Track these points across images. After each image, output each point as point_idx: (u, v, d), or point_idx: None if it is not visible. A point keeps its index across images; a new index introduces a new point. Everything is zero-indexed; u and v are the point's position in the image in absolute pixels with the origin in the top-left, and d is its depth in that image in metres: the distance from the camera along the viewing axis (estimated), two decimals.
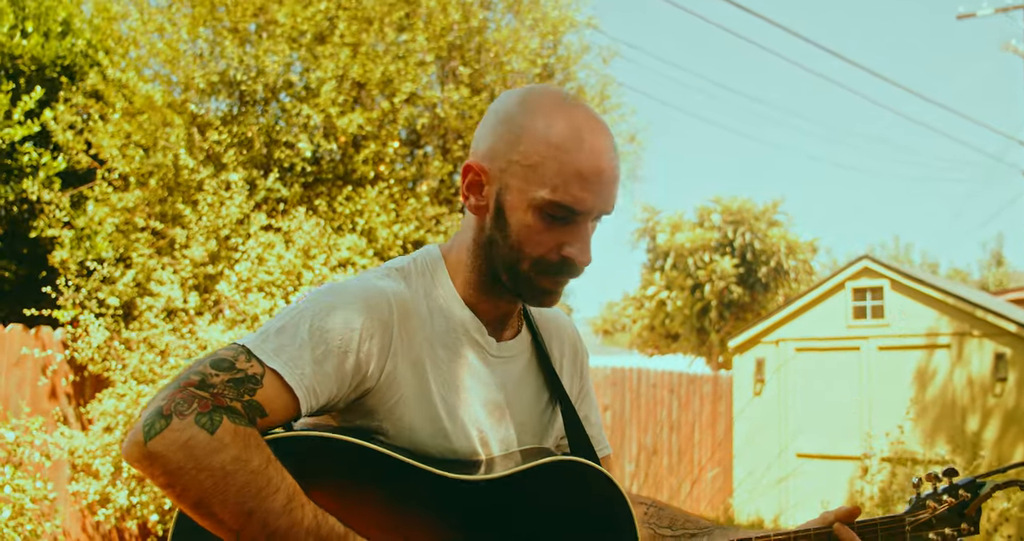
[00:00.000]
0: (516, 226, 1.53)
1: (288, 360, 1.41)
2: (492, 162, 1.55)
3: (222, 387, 1.35)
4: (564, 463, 1.61)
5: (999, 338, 9.58)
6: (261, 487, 1.31)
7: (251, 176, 7.77)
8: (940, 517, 1.78)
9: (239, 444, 1.31)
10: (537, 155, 1.50)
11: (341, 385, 1.47)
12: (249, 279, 7.05)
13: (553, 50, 9.62)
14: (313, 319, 1.46)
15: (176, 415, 1.30)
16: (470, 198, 1.58)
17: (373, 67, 8.02)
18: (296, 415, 1.43)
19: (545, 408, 1.74)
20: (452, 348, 1.60)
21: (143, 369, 6.78)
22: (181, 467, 1.28)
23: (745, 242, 17.34)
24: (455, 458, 1.56)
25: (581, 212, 1.52)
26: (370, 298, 1.52)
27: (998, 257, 27.33)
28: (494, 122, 1.57)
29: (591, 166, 1.50)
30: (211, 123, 7.80)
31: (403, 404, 1.53)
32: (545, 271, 1.55)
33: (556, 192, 1.49)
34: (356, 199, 7.88)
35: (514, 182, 1.52)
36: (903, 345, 10.15)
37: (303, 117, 7.80)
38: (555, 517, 1.58)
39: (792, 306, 11.01)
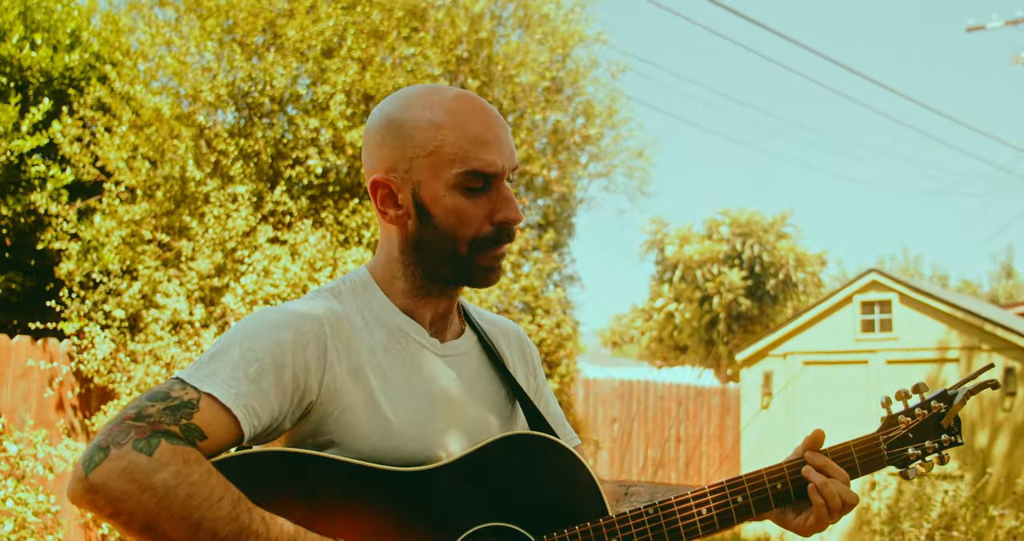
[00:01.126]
0: (442, 214, 1.57)
1: (222, 382, 1.42)
2: (394, 170, 1.59)
3: (158, 415, 1.36)
4: (514, 438, 1.61)
5: (1009, 352, 9.52)
6: (204, 497, 1.32)
7: (258, 189, 7.77)
8: (916, 431, 1.75)
9: (178, 461, 1.32)
10: (432, 141, 1.56)
11: (282, 401, 1.47)
12: (255, 292, 7.05)
13: (562, 64, 9.63)
14: (243, 341, 1.48)
15: (113, 446, 1.31)
16: (387, 212, 1.61)
17: (382, 80, 8.03)
18: (240, 436, 1.43)
19: (504, 404, 1.74)
20: (395, 352, 1.61)
21: (148, 381, 6.78)
22: (124, 491, 1.29)
23: (754, 254, 17.30)
24: (416, 459, 1.56)
25: (493, 174, 1.56)
26: (300, 314, 1.54)
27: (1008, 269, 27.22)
28: (378, 136, 1.61)
29: (482, 127, 1.57)
30: (218, 135, 7.81)
31: (350, 413, 1.53)
32: (484, 246, 1.59)
33: (464, 162, 1.54)
34: (362, 212, 7.88)
35: (423, 176, 1.56)
36: (912, 359, 10.10)
37: (311, 131, 7.80)
38: (517, 489, 1.59)
39: (800, 319, 10.97)
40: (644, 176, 10.87)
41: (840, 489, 1.68)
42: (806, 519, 1.70)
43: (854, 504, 1.69)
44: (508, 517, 1.58)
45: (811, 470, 1.69)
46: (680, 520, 1.64)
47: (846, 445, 1.74)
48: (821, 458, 1.71)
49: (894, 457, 1.76)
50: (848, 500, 1.68)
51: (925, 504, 8.37)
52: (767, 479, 1.69)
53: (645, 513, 1.63)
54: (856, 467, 1.74)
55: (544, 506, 1.60)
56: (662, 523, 1.63)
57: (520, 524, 1.58)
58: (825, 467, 1.70)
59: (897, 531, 7.96)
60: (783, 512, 1.72)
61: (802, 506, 1.71)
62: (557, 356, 9.49)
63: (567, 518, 1.60)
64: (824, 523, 1.69)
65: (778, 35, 13.77)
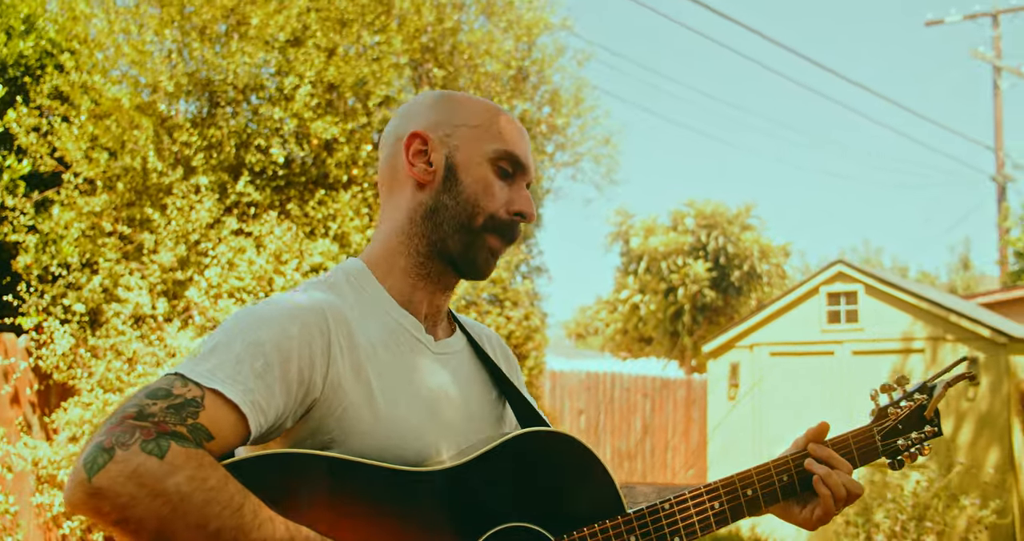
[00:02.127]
0: (470, 182, 1.59)
1: (226, 378, 1.34)
2: (435, 130, 1.62)
3: (162, 414, 1.27)
4: (530, 435, 1.59)
5: (973, 343, 9.60)
6: (224, 504, 1.24)
7: (221, 180, 7.62)
8: (903, 422, 1.80)
9: (192, 464, 1.23)
10: (482, 117, 1.62)
11: (287, 398, 1.40)
12: (219, 285, 6.92)
13: (528, 52, 9.54)
14: (245, 334, 1.40)
15: (119, 447, 1.21)
16: (416, 165, 1.61)
17: (348, 70, 7.90)
18: (246, 435, 1.35)
19: (495, 403, 1.73)
20: (393, 349, 1.56)
21: (110, 377, 6.63)
22: (133, 497, 1.19)
23: (718, 246, 17.34)
24: (416, 458, 1.51)
25: (525, 166, 1.63)
26: (302, 306, 1.48)
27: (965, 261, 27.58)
28: (429, 101, 1.67)
29: (520, 131, 1.66)
30: (180, 125, 7.64)
31: (352, 411, 1.47)
32: (496, 229, 1.60)
33: (507, 144, 1.61)
34: (329, 203, 7.76)
35: (464, 142, 1.60)
36: (877, 350, 10.15)
37: (275, 121, 7.66)
38: (536, 487, 1.56)
39: (766, 311, 10.99)
40: (612, 163, 10.83)
41: (844, 479, 1.69)
42: (812, 511, 1.70)
43: (859, 494, 1.71)
44: (527, 516, 1.55)
45: (814, 463, 1.70)
46: (695, 514, 1.64)
47: (845, 437, 1.78)
48: (825, 450, 1.72)
49: (887, 448, 1.80)
50: (853, 490, 1.70)
51: (897, 495, 8.42)
52: (774, 472, 1.71)
53: (661, 509, 1.62)
54: (855, 458, 1.77)
55: (562, 504, 1.58)
56: (677, 518, 1.62)
57: (539, 523, 1.55)
58: (829, 458, 1.71)
59: (871, 522, 8.00)
60: (788, 505, 1.73)
61: (807, 499, 1.72)
62: (526, 348, 9.43)
63: (585, 516, 1.58)
64: (830, 515, 1.69)
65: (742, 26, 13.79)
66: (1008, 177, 23.32)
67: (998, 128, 23.69)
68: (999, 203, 23.02)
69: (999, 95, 23.78)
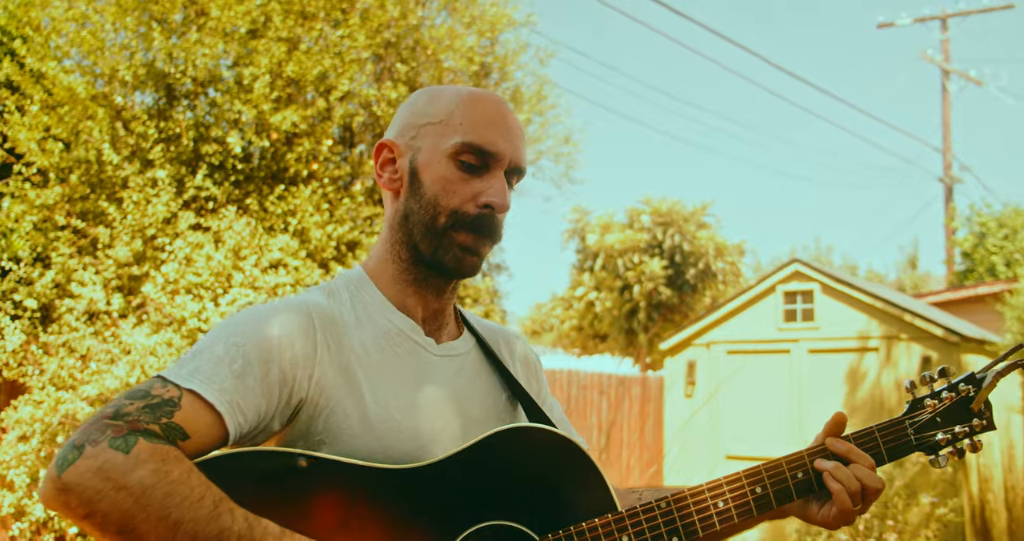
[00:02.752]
0: (430, 182, 1.55)
1: (205, 379, 1.36)
2: (402, 136, 1.60)
3: (137, 413, 1.30)
4: (514, 431, 1.52)
5: (926, 342, 9.74)
6: (184, 496, 1.25)
7: (179, 173, 7.47)
8: (943, 414, 1.66)
9: (157, 459, 1.25)
10: (445, 110, 1.57)
11: (269, 398, 1.41)
12: (176, 280, 6.79)
13: (490, 49, 9.49)
14: (228, 337, 1.42)
15: (89, 444, 1.25)
16: (383, 175, 1.61)
17: (309, 64, 7.78)
18: (224, 435, 1.36)
19: (505, 407, 1.68)
20: (387, 350, 1.55)
21: (62, 375, 6.48)
22: (98, 490, 1.22)
23: (674, 244, 17.42)
24: (407, 459, 1.48)
25: (493, 154, 1.55)
26: (286, 309, 1.49)
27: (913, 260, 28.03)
28: (400, 108, 1.66)
29: (496, 112, 1.57)
30: (137, 117, 7.48)
31: (340, 412, 1.46)
32: (463, 224, 1.55)
33: (468, 134, 1.54)
34: (289, 198, 7.64)
35: (426, 142, 1.57)
36: (833, 348, 10.25)
37: (234, 113, 7.52)
38: (519, 484, 1.50)
39: (723, 309, 11.05)
40: (571, 162, 10.81)
41: (859, 473, 1.59)
42: (830, 510, 1.60)
43: (878, 488, 1.60)
44: (510, 514, 1.49)
45: (820, 459, 1.62)
46: (695, 513, 1.55)
47: (870, 430, 1.66)
48: (843, 444, 1.63)
49: (922, 442, 1.67)
50: (869, 484, 1.59)
51: None
52: (787, 468, 1.61)
53: (656, 507, 1.54)
54: (882, 453, 1.65)
55: (547, 502, 1.51)
56: (675, 518, 1.54)
57: (523, 522, 1.50)
58: (848, 453, 1.62)
59: None
60: (806, 504, 1.64)
61: (825, 496, 1.62)
62: None
63: (572, 515, 1.52)
64: (848, 513, 1.59)
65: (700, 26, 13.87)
66: (955, 179, 23.72)
67: (946, 130, 24.09)
68: (946, 204, 23.40)
69: (947, 98, 24.18)
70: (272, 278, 6.95)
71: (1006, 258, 18.34)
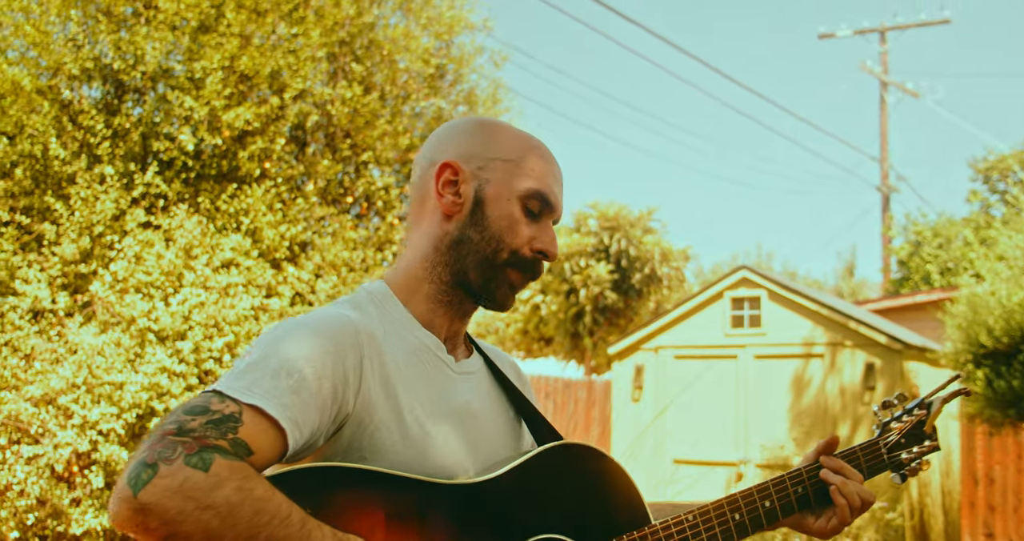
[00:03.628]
0: (497, 217, 1.59)
1: (264, 393, 1.34)
2: (468, 162, 1.62)
3: (202, 430, 1.27)
4: (556, 448, 1.62)
5: (870, 349, 9.92)
6: (272, 514, 1.24)
7: (128, 170, 7.31)
8: (906, 436, 1.86)
9: (238, 476, 1.23)
10: (516, 151, 1.62)
11: (322, 414, 1.41)
12: (126, 279, 6.65)
13: (446, 51, 9.44)
14: (280, 350, 1.41)
15: (163, 462, 1.21)
16: (444, 195, 1.62)
17: (262, 60, 7.67)
18: (284, 450, 1.35)
19: (513, 424, 1.76)
20: (418, 367, 1.58)
21: (5, 374, 6.29)
22: (181, 511, 1.19)
23: (620, 248, 17.52)
24: (444, 475, 1.52)
25: (553, 206, 1.64)
26: (334, 322, 1.49)
27: (851, 268, 28.58)
28: (466, 129, 1.66)
29: (557, 167, 1.68)
30: (85, 111, 7.30)
31: (384, 429, 1.49)
32: (518, 265, 1.61)
33: (540, 183, 1.61)
34: (241, 197, 7.52)
35: (496, 176, 1.61)
36: (779, 354, 10.39)
37: (185, 109, 7.38)
38: (567, 499, 1.60)
39: (672, 314, 11.14)
40: None
41: (858, 488, 1.75)
42: (828, 521, 1.75)
43: (872, 503, 1.77)
44: (559, 528, 1.58)
45: (828, 473, 1.76)
46: (717, 525, 1.68)
47: (854, 450, 1.83)
48: (836, 461, 1.77)
49: (892, 461, 1.85)
50: (866, 498, 1.76)
51: None
52: (789, 483, 1.76)
53: (685, 520, 1.66)
54: (863, 470, 1.82)
55: (592, 516, 1.62)
56: (701, 529, 1.67)
57: (571, 535, 1.59)
58: (841, 469, 1.76)
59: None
60: (802, 516, 1.78)
61: (821, 509, 1.77)
62: None
63: (614, 528, 1.63)
64: (845, 524, 1.76)
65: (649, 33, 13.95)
66: (892, 188, 24.24)
67: (883, 140, 24.60)
68: (883, 213, 23.89)
69: (885, 108, 24.70)
70: (224, 278, 6.83)
71: (941, 267, 18.77)
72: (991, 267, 9.15)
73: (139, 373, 6.32)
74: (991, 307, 8.34)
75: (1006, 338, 8.06)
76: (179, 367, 6.40)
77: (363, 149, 8.70)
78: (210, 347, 6.58)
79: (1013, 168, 20.02)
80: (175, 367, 6.39)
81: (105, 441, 6.27)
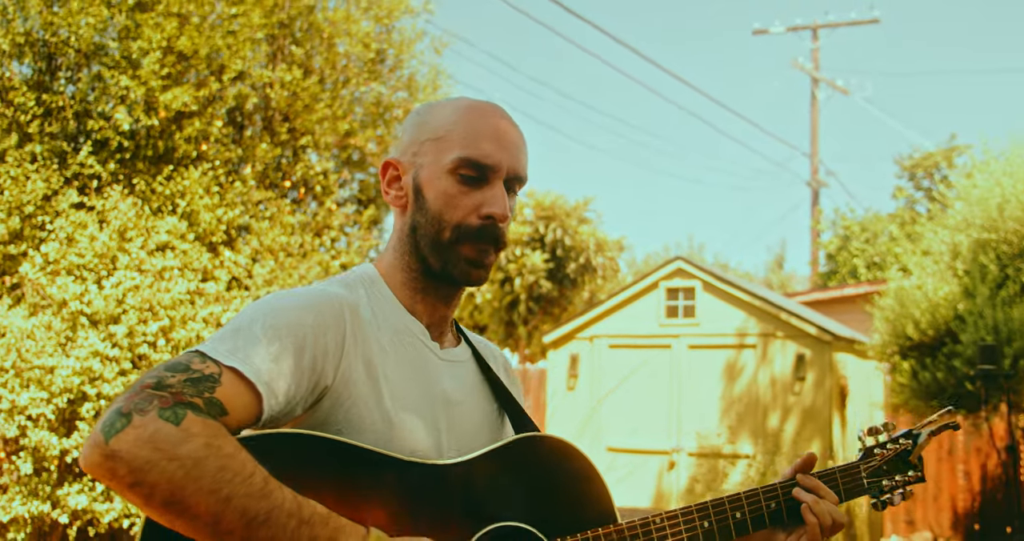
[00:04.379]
0: (433, 197, 1.60)
1: (244, 358, 1.38)
2: (405, 154, 1.65)
3: (180, 386, 1.30)
4: (528, 439, 1.64)
5: (800, 340, 10.11)
6: (236, 471, 1.26)
7: (60, 149, 7.13)
8: (889, 464, 1.85)
9: (208, 432, 1.26)
10: (445, 127, 1.61)
11: (299, 384, 1.43)
12: (57, 261, 6.50)
13: (387, 36, 9.38)
14: (265, 318, 1.44)
15: (136, 412, 1.24)
16: (390, 192, 1.66)
17: (201, 40, 7.53)
18: (259, 415, 1.39)
19: (496, 417, 1.76)
20: (402, 351, 1.60)
21: None
22: (149, 461, 1.22)
23: (556, 238, 17.57)
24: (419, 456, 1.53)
25: (491, 166, 1.59)
26: (321, 297, 1.53)
27: (780, 260, 29.12)
28: (406, 126, 1.70)
29: (494, 126, 1.63)
30: (15, 88, 7.10)
31: (361, 405, 1.50)
32: (467, 237, 1.59)
33: (466, 149, 1.58)
34: (177, 180, 7.39)
35: (427, 159, 1.61)
36: (712, 344, 10.54)
37: (121, 88, 7.22)
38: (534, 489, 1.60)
39: (607, 304, 11.23)
40: None
41: (830, 509, 1.73)
42: (799, 538, 1.74)
43: (843, 524, 1.75)
44: (524, 518, 1.58)
45: (801, 491, 1.75)
46: (684, 531, 1.67)
47: (832, 471, 1.82)
48: (812, 480, 1.76)
49: (872, 486, 1.84)
50: (838, 519, 1.73)
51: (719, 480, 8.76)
52: (763, 497, 1.75)
53: (652, 522, 1.65)
54: (840, 492, 1.81)
55: (558, 508, 1.61)
56: (668, 533, 1.66)
57: (535, 525, 1.59)
58: (816, 488, 1.75)
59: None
60: (774, 532, 1.76)
61: (793, 527, 1.75)
62: None
63: (580, 521, 1.63)
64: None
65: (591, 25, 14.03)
66: (822, 183, 24.72)
67: (814, 136, 25.05)
68: (812, 207, 24.36)
69: (815, 105, 25.14)
70: (159, 261, 6.71)
71: (867, 261, 19.21)
72: (918, 262, 9.41)
73: (71, 357, 6.19)
74: (918, 301, 8.58)
75: (931, 331, 8.29)
76: (112, 351, 6.29)
77: (302, 133, 8.61)
78: (144, 331, 6.47)
79: (939, 165, 20.55)
80: (108, 351, 6.27)
81: (34, 427, 6.13)
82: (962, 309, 8.34)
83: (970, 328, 8.14)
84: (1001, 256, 8.48)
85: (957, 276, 8.72)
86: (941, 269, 8.89)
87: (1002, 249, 8.49)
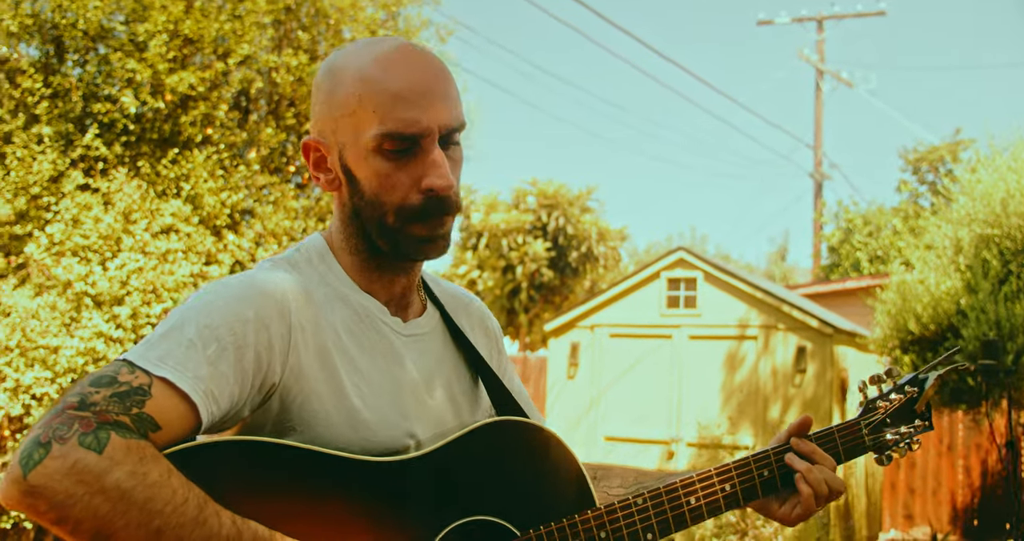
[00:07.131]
0: (366, 180, 1.44)
1: (177, 364, 1.25)
2: (322, 132, 1.47)
3: (105, 403, 1.19)
4: (495, 424, 1.52)
5: (801, 332, 10.13)
6: (166, 500, 1.16)
7: (67, 131, 7.15)
8: (893, 415, 1.73)
9: (133, 458, 1.15)
10: (351, 100, 1.42)
11: (243, 385, 1.31)
12: (62, 242, 6.53)
13: (393, 23, 9.37)
14: (199, 318, 1.31)
15: (56, 441, 1.14)
16: (319, 177, 1.50)
17: (207, 24, 7.53)
18: (196, 425, 1.26)
19: (469, 384, 1.64)
20: (358, 333, 1.48)
21: None
22: (71, 495, 1.12)
23: (558, 226, 17.61)
24: (385, 449, 1.43)
25: (417, 134, 1.41)
26: (258, 287, 1.38)
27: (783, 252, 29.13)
28: (316, 93, 1.50)
29: (405, 83, 1.41)
30: (23, 70, 7.11)
31: (315, 398, 1.39)
32: (413, 217, 1.44)
33: (383, 122, 1.40)
34: (182, 163, 7.41)
35: (347, 137, 1.44)
36: (713, 335, 10.56)
37: (127, 71, 7.23)
38: (501, 479, 1.50)
39: (608, 293, 11.24)
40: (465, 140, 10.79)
41: (827, 476, 1.64)
42: (792, 508, 1.64)
43: (841, 492, 1.64)
44: (491, 510, 1.48)
45: (795, 458, 1.65)
46: (669, 510, 1.57)
47: (830, 430, 1.71)
48: (808, 444, 1.66)
49: (874, 442, 1.73)
50: (835, 487, 1.64)
51: None
52: (754, 466, 1.65)
53: (634, 503, 1.55)
54: (840, 453, 1.70)
55: (529, 497, 1.51)
56: (651, 514, 1.56)
57: (504, 517, 1.49)
58: (812, 454, 1.65)
59: None
60: (768, 501, 1.67)
61: (787, 494, 1.66)
62: None
63: (553, 509, 1.52)
64: (810, 512, 1.64)
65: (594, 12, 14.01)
66: (825, 175, 24.70)
67: (818, 128, 25.01)
68: (815, 199, 24.34)
69: (820, 97, 25.10)
70: (163, 243, 6.74)
71: (870, 255, 19.21)
72: (920, 256, 9.41)
73: (75, 337, 6.22)
74: (920, 295, 8.58)
75: (933, 325, 8.31)
76: (116, 332, 6.32)
77: (307, 118, 8.61)
78: (148, 313, 6.50)
79: (943, 159, 20.54)
80: (112, 332, 6.30)
81: (38, 406, 6.17)
82: (964, 304, 8.34)
83: (972, 323, 8.14)
84: (1004, 252, 8.48)
85: (959, 271, 8.73)
86: (944, 264, 8.89)
87: (1005, 245, 8.49)
